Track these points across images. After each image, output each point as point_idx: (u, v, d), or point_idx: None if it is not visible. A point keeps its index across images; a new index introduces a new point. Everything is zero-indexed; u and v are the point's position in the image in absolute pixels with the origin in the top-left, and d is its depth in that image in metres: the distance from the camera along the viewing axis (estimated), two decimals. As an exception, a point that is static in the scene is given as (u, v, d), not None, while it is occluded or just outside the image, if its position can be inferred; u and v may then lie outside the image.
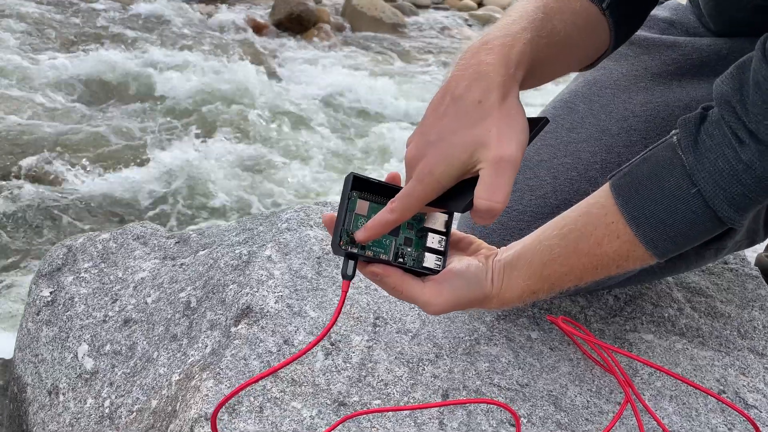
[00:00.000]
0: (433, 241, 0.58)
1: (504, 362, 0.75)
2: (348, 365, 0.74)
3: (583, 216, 0.58)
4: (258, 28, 5.29)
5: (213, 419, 0.60)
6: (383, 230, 0.54)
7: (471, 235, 0.63)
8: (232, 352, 0.74)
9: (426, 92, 4.21)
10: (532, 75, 0.53)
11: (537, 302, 0.82)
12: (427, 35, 5.86)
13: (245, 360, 0.73)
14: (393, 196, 0.56)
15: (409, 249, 0.58)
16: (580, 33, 0.59)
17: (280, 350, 0.75)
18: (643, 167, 0.56)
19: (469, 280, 0.58)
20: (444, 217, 0.59)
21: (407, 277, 0.57)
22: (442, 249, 0.58)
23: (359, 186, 0.57)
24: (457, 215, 0.69)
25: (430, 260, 0.58)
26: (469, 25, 6.36)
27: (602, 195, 0.58)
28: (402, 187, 0.55)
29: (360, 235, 0.55)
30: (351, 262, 0.57)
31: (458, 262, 0.59)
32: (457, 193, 0.52)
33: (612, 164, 0.72)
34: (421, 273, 0.59)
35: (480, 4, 7.02)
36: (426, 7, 6.72)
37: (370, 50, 5.22)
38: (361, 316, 0.79)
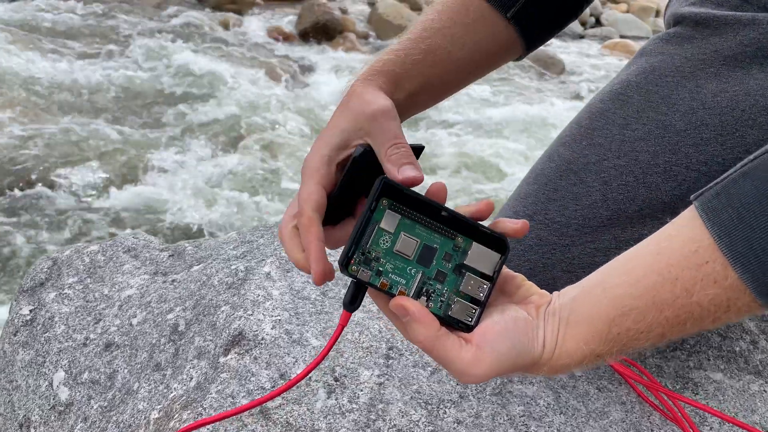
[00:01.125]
0: (471, 285, 0.45)
1: (542, 405, 0.62)
2: (354, 406, 0.62)
3: (663, 254, 0.42)
4: (284, 37, 5.25)
5: None
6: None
7: (520, 273, 0.49)
8: (218, 387, 0.63)
9: (450, 100, 4.10)
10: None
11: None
12: (454, 44, 5.74)
13: (233, 398, 0.62)
14: (433, 215, 0.44)
15: (439, 286, 0.45)
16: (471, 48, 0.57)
17: (274, 386, 0.63)
18: (746, 185, 0.40)
19: (517, 343, 0.44)
20: (495, 257, 0.45)
21: (444, 331, 0.44)
22: (480, 299, 0.45)
23: (391, 194, 0.45)
24: (512, 258, 0.56)
25: (461, 310, 0.45)
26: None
27: (687, 224, 0.42)
28: (442, 205, 0.44)
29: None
30: (358, 291, 0.46)
31: (502, 315, 0.45)
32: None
33: (679, 167, 0.59)
34: (446, 322, 0.45)
35: (508, 13, 6.90)
36: (453, 15, 6.62)
37: (395, 58, 5.12)
38: (372, 346, 0.67)
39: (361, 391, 0.63)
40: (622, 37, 6.50)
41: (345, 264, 0.44)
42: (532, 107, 4.18)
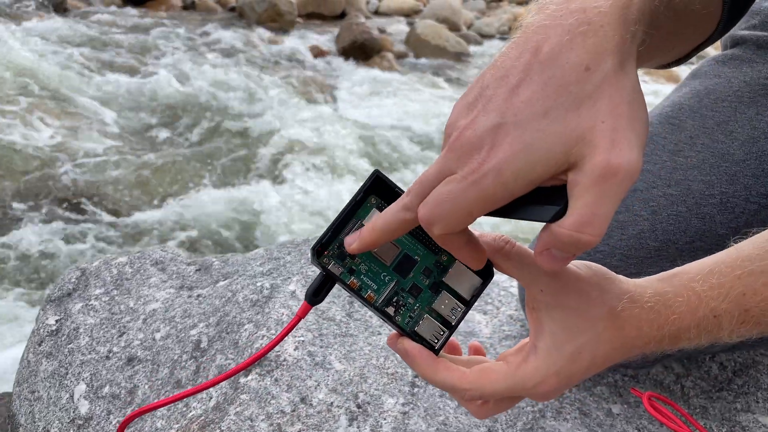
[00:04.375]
0: (445, 305, 0.42)
1: (576, 445, 0.59)
2: (377, 436, 0.59)
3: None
4: (322, 55, 5.30)
5: None
6: (393, 235, 0.37)
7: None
8: (237, 409, 0.61)
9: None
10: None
11: (620, 368, 0.66)
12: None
13: (251, 421, 0.60)
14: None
15: (410, 301, 0.42)
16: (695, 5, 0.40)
17: (295, 410, 0.61)
18: None
19: (574, 311, 0.37)
20: (476, 281, 0.42)
21: (443, 362, 0.40)
22: (452, 322, 0.42)
23: (380, 191, 0.42)
24: (496, 283, 0.52)
25: (428, 328, 0.42)
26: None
27: None
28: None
29: (353, 241, 0.38)
30: (326, 283, 0.42)
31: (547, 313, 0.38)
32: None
33: (737, 199, 0.55)
34: (410, 338, 0.42)
35: (547, 35, 6.85)
36: (491, 36, 6.61)
37: (432, 78, 5.13)
38: (397, 373, 0.65)
39: (385, 420, 0.60)
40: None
41: (318, 252, 0.41)
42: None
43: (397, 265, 0.42)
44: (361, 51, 5.40)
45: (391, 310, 0.41)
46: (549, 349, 0.38)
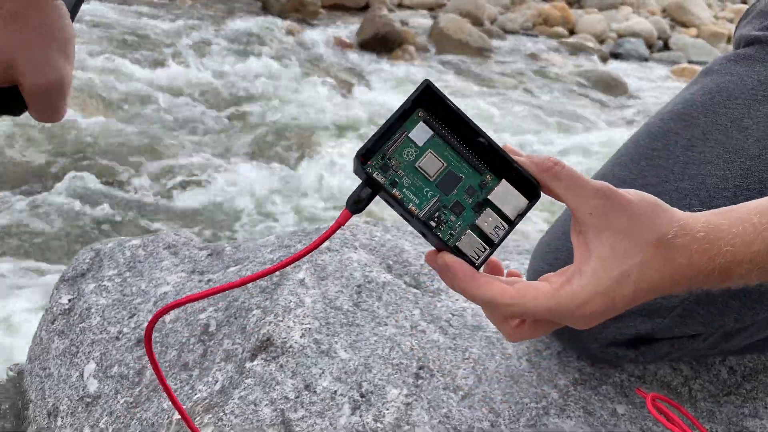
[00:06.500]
0: (488, 222, 0.41)
1: (578, 443, 0.58)
2: (379, 425, 0.59)
3: None
4: (344, 47, 5.30)
5: (148, 335, 0.43)
6: None
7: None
8: (242, 393, 0.62)
9: (506, 116, 4.04)
10: None
11: (627, 367, 0.65)
12: (512, 60, 5.68)
13: (255, 405, 0.60)
14: (470, 138, 0.41)
15: (452, 218, 0.41)
16: None
17: (299, 397, 0.61)
18: None
19: (624, 235, 0.38)
20: (523, 202, 0.41)
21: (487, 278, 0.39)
22: (494, 240, 0.41)
23: (430, 103, 0.41)
24: (540, 207, 0.51)
25: (470, 244, 0.41)
26: (558, 53, 6.13)
27: None
28: (482, 131, 0.40)
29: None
30: (368, 192, 0.41)
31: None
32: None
33: (751, 192, 0.54)
34: (451, 252, 0.41)
35: (572, 32, 6.78)
36: (515, 32, 6.56)
37: (453, 73, 5.11)
38: (402, 364, 0.65)
39: (387, 410, 0.60)
40: (690, 62, 6.29)
41: (362, 160, 0.40)
42: (592, 129, 4.08)
43: (441, 182, 0.41)
44: (383, 43, 5.38)
45: (431, 225, 0.40)
46: (596, 271, 0.37)
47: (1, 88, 0.41)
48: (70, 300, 0.87)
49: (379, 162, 0.40)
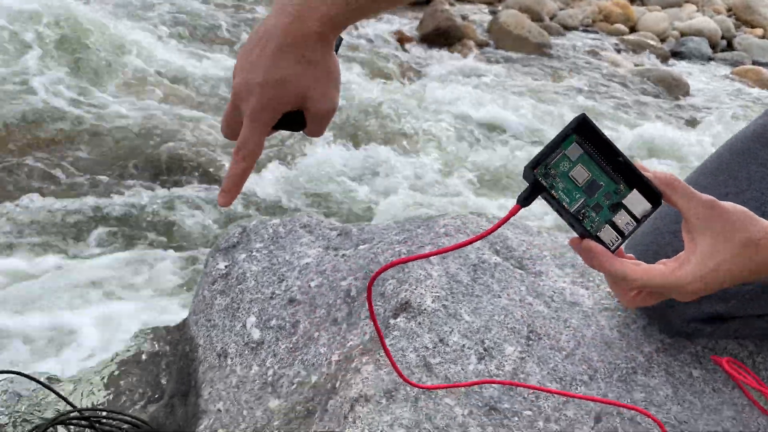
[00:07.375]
0: (622, 219, 0.56)
1: (662, 395, 0.73)
2: (500, 372, 0.76)
3: None
4: (404, 41, 5.44)
5: (369, 287, 0.62)
6: (239, 181, 0.60)
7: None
8: (390, 342, 0.79)
9: (563, 113, 4.12)
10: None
11: (700, 341, 0.80)
12: (572, 57, 5.72)
13: (402, 351, 0.78)
14: (610, 156, 0.55)
15: (593, 214, 0.56)
16: None
17: (435, 347, 0.78)
18: None
19: (722, 229, 0.51)
20: (648, 206, 0.56)
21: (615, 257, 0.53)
22: (625, 232, 0.56)
23: (583, 131, 0.56)
24: (659, 212, 0.66)
25: (608, 234, 0.56)
26: (618, 51, 6.14)
27: None
28: (621, 152, 0.54)
29: (222, 196, 0.61)
30: (534, 192, 0.56)
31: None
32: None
33: None
34: (593, 240, 0.56)
35: (632, 29, 6.75)
36: (574, 28, 6.57)
37: (512, 68, 5.19)
38: (515, 328, 0.81)
39: (506, 362, 0.77)
40: (754, 63, 6.20)
41: (532, 167, 0.54)
42: (652, 128, 4.12)
43: (587, 187, 0.56)
44: (444, 38, 5.50)
45: (578, 218, 0.56)
46: (698, 261, 0.52)
47: (292, 111, 0.59)
48: (226, 266, 1.06)
49: (542, 171, 0.56)
